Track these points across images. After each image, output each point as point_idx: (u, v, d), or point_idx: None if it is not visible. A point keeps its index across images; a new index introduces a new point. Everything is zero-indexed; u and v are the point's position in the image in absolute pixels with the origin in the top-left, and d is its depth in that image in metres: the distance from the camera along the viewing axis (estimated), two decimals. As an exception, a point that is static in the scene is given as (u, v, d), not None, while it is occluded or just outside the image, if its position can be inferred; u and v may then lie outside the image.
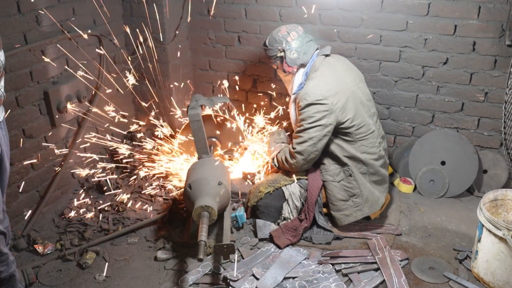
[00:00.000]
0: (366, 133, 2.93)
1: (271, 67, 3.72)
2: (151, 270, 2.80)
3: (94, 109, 3.47)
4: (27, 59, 2.93)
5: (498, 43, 3.18)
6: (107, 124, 3.58)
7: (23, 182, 3.04)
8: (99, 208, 3.28)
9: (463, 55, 3.30)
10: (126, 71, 3.65)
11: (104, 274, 2.74)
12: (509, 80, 3.00)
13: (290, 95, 3.19)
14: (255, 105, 3.96)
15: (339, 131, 2.91)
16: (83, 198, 3.37)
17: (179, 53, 3.83)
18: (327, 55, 3.01)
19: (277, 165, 3.16)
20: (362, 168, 2.98)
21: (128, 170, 3.61)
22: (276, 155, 3.16)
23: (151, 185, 3.48)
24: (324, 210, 3.11)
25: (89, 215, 3.20)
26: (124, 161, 3.61)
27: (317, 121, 2.82)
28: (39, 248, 2.92)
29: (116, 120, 3.58)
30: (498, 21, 3.13)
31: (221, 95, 3.79)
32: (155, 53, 3.73)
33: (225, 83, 3.79)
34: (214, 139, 3.47)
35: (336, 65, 3.00)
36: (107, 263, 2.82)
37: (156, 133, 3.69)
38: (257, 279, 2.63)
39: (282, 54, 3.01)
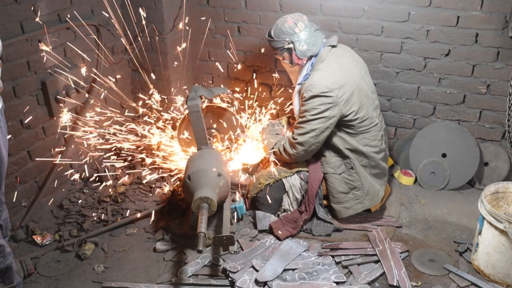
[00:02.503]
0: (369, 126, 2.91)
1: (271, 58, 3.70)
2: (150, 261, 2.79)
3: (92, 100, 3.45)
4: (24, 48, 2.89)
5: (501, 35, 3.15)
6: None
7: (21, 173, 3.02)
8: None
9: (466, 46, 3.27)
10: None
11: (103, 265, 2.74)
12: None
13: (294, 85, 3.15)
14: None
15: (342, 124, 2.88)
16: (81, 189, 3.36)
17: (178, 43, 3.79)
18: (333, 46, 2.96)
19: (274, 157, 3.14)
20: (364, 161, 2.96)
21: (128, 161, 3.59)
22: (273, 147, 3.13)
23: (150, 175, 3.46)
24: (324, 202, 3.10)
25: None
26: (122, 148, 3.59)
27: (320, 113, 2.79)
28: (38, 239, 2.91)
29: (114, 115, 3.55)
30: (501, 12, 3.09)
31: (221, 86, 3.75)
32: (154, 43, 3.69)
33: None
34: (213, 130, 3.44)
35: (343, 56, 2.95)
36: (105, 254, 2.82)
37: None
38: (257, 270, 2.62)
39: (291, 45, 2.93)
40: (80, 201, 3.26)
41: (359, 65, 3.03)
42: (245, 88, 3.96)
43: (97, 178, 3.45)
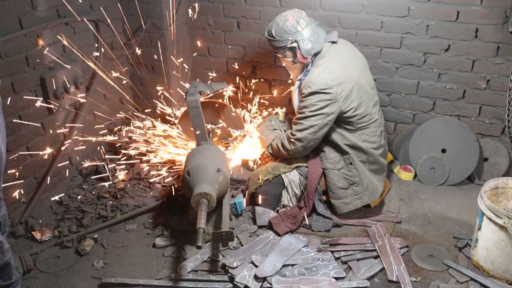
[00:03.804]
0: (368, 122, 2.90)
1: (271, 53, 3.69)
2: (149, 257, 2.79)
3: (91, 96, 3.44)
4: (22, 44, 2.88)
5: (501, 30, 3.14)
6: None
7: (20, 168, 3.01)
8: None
9: (465, 42, 3.26)
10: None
11: (102, 261, 2.74)
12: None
13: (294, 81, 3.13)
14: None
15: (341, 120, 2.87)
16: (81, 185, 3.36)
17: (177, 38, 3.78)
18: (333, 42, 2.93)
19: (271, 153, 3.13)
20: (362, 156, 2.96)
21: (126, 158, 3.59)
22: (271, 142, 3.12)
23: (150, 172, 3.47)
24: (324, 197, 3.10)
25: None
26: (121, 147, 3.59)
27: (319, 109, 2.78)
28: (37, 235, 2.91)
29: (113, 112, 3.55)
30: (501, 7, 3.08)
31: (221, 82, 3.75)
32: (153, 38, 3.68)
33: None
34: (213, 126, 3.44)
35: (343, 52, 2.92)
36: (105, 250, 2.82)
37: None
38: (256, 266, 2.62)
39: (295, 44, 2.88)
40: (79, 197, 3.26)
41: (359, 61, 3.01)
42: (245, 84, 3.96)
43: (97, 174, 3.46)
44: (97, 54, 3.49)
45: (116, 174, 3.42)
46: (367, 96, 2.90)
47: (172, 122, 3.71)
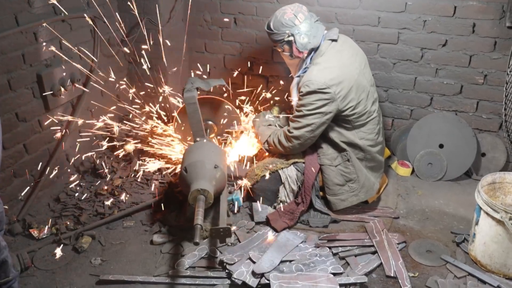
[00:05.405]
0: (366, 120, 2.90)
1: (268, 49, 3.68)
2: (147, 253, 2.79)
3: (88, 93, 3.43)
4: (19, 41, 2.87)
5: (498, 25, 3.14)
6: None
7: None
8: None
9: (463, 37, 3.26)
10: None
11: (100, 258, 2.73)
12: (510, 61, 2.96)
13: (293, 77, 3.12)
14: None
15: (338, 118, 2.86)
16: (78, 182, 3.35)
17: (174, 35, 3.77)
18: (333, 40, 2.89)
19: (268, 149, 3.13)
20: (359, 154, 2.95)
21: (125, 154, 3.58)
22: (267, 139, 3.12)
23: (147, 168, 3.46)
24: (321, 193, 3.10)
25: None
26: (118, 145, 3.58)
27: (317, 108, 2.77)
28: (35, 233, 2.90)
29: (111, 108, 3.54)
30: (498, 2, 3.08)
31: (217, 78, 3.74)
32: (150, 35, 3.67)
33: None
34: (210, 122, 3.43)
35: (343, 50, 2.89)
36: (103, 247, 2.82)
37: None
38: (254, 262, 2.62)
39: (291, 38, 2.86)
40: (76, 194, 3.25)
41: (359, 58, 2.98)
42: (242, 80, 3.95)
43: (94, 171, 3.46)
44: (94, 51, 3.48)
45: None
46: (366, 95, 2.88)
47: (169, 119, 3.71)
